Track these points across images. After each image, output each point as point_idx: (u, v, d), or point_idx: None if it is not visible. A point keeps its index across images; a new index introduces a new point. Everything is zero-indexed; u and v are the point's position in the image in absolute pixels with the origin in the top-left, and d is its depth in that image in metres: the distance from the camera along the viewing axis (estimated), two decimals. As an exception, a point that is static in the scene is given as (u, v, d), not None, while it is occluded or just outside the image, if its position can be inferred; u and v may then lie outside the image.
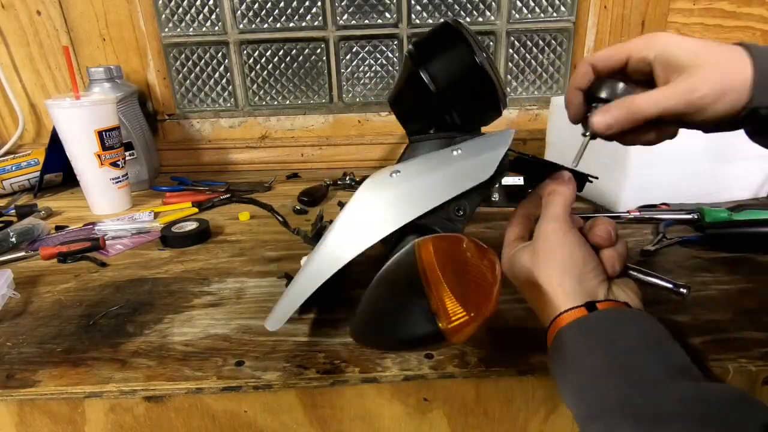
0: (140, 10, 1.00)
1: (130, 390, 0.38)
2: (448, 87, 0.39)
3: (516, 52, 1.06)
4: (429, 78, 0.39)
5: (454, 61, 0.39)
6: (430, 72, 0.39)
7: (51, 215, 0.81)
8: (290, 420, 0.40)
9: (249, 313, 0.47)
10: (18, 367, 0.40)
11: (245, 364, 0.39)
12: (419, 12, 1.03)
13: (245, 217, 0.76)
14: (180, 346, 0.42)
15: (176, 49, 1.06)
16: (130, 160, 0.90)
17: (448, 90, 0.39)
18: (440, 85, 0.39)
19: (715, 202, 0.68)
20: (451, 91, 0.40)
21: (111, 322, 0.47)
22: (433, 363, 0.39)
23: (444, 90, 0.39)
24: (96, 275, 0.57)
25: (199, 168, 1.09)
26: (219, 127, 1.11)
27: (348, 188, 0.91)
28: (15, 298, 0.51)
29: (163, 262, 0.60)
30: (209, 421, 0.40)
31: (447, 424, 0.41)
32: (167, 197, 0.85)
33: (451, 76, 0.39)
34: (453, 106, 0.40)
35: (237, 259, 0.60)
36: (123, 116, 0.87)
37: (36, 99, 1.07)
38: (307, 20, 1.04)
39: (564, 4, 1.02)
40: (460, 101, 0.40)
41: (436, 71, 0.39)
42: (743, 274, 0.52)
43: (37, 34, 1.00)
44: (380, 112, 1.09)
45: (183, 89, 1.10)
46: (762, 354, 0.39)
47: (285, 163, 1.09)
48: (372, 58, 1.07)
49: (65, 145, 0.77)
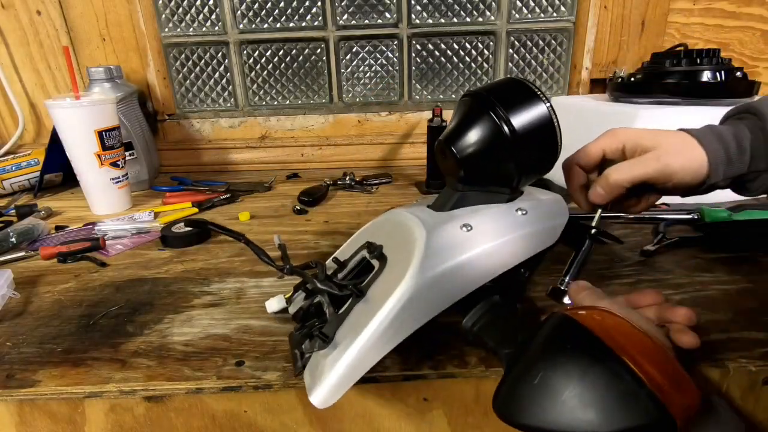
0: (140, 10, 1.00)
1: (130, 390, 0.38)
2: (522, 134, 0.38)
3: (516, 52, 1.06)
4: (504, 122, 0.38)
5: (528, 110, 0.38)
6: (505, 116, 0.38)
7: (51, 215, 0.81)
8: (290, 420, 0.40)
9: (249, 313, 0.47)
10: (18, 367, 0.40)
11: (245, 364, 0.39)
12: (419, 12, 1.03)
13: (245, 217, 0.76)
14: (180, 346, 0.42)
15: (176, 49, 1.06)
16: (130, 160, 0.90)
17: (522, 137, 0.38)
18: (515, 130, 0.38)
19: (715, 202, 0.68)
20: (524, 139, 0.38)
21: (111, 322, 0.47)
22: (433, 363, 0.39)
23: (518, 136, 0.38)
24: (96, 275, 0.57)
25: (199, 168, 1.09)
26: (219, 127, 1.11)
27: (348, 188, 0.91)
28: (15, 298, 0.51)
29: (163, 262, 0.60)
30: (209, 421, 0.40)
31: (447, 424, 0.41)
32: (167, 197, 0.85)
33: (527, 124, 0.38)
34: (521, 155, 0.39)
35: (237, 259, 0.60)
36: (123, 116, 0.88)
37: (36, 99, 1.07)
38: (307, 20, 1.04)
39: (564, 4, 1.02)
40: (528, 151, 0.39)
41: (512, 116, 0.38)
42: (743, 274, 0.52)
43: (37, 34, 1.00)
44: (380, 112, 1.09)
45: (183, 89, 1.10)
46: (762, 354, 0.39)
47: (285, 163, 1.09)
48: (372, 58, 1.08)
49: (65, 145, 0.77)
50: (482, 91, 0.40)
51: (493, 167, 0.40)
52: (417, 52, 1.07)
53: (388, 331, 0.33)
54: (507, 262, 0.37)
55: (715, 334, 0.41)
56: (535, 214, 0.39)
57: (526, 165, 0.39)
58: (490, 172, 0.40)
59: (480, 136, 0.39)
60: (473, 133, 0.39)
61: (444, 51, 1.07)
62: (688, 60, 0.72)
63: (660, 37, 1.00)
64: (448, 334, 0.42)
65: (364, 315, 0.34)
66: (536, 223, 0.39)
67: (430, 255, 0.35)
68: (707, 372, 0.38)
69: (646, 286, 0.50)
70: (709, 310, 0.45)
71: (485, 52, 1.07)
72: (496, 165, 0.39)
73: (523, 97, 0.39)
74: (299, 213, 0.78)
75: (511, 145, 0.38)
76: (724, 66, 0.71)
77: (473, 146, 0.39)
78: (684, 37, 1.00)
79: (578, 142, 0.49)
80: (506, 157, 0.39)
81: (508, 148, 0.38)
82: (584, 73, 1.04)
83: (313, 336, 0.35)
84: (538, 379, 0.28)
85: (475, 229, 0.37)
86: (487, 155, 0.39)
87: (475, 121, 0.39)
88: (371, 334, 0.32)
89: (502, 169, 0.39)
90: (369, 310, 0.34)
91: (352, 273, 0.42)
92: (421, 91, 1.10)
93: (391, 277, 0.36)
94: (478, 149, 0.39)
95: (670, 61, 0.73)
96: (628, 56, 1.02)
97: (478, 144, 0.39)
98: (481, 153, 0.39)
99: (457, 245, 0.36)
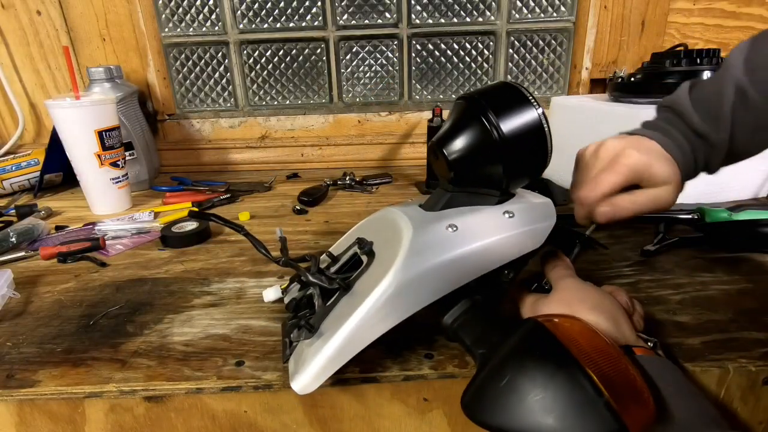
0: (140, 10, 1.00)
1: (130, 390, 0.38)
2: (511, 139, 0.38)
3: (516, 52, 1.06)
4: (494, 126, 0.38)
5: (519, 115, 0.39)
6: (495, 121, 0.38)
7: (51, 215, 0.81)
8: (290, 420, 0.40)
9: (249, 313, 0.47)
10: (18, 367, 0.40)
11: (245, 364, 0.39)
12: (419, 12, 1.03)
13: (245, 217, 0.76)
14: (180, 346, 0.42)
15: (176, 49, 1.06)
16: (130, 160, 0.90)
17: (510, 142, 0.38)
18: (503, 135, 0.38)
19: (715, 202, 0.68)
20: (512, 144, 0.38)
21: (111, 322, 0.47)
22: (433, 363, 0.39)
23: (506, 141, 0.38)
24: (96, 275, 0.57)
25: (199, 168, 1.09)
26: (219, 127, 1.11)
27: (348, 188, 0.91)
28: (15, 298, 0.51)
29: (163, 262, 0.60)
30: (209, 421, 0.40)
31: (447, 424, 0.41)
32: (167, 197, 0.85)
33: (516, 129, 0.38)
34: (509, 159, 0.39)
35: (237, 259, 0.60)
36: (123, 116, 0.88)
37: (36, 99, 1.07)
38: (307, 20, 1.04)
39: (564, 4, 1.02)
40: (517, 156, 0.39)
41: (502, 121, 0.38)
42: (743, 274, 0.52)
43: (37, 34, 1.00)
44: (380, 112, 1.09)
45: (183, 89, 1.10)
46: (762, 354, 0.39)
47: (285, 163, 1.09)
48: (372, 58, 1.08)
49: (65, 145, 0.77)
50: (475, 94, 0.40)
51: (482, 170, 0.40)
52: (417, 52, 1.07)
53: (369, 324, 0.34)
54: (490, 263, 0.38)
55: (715, 334, 0.42)
56: (521, 217, 0.40)
57: (514, 169, 0.40)
58: (479, 174, 0.40)
59: (470, 139, 0.40)
60: (464, 136, 0.40)
61: (444, 51, 1.07)
62: (688, 60, 0.72)
63: (660, 37, 1.00)
64: (448, 334, 0.42)
65: (348, 308, 0.35)
66: (522, 225, 0.39)
67: (415, 253, 0.36)
68: (707, 372, 0.38)
69: (646, 286, 0.50)
70: (709, 310, 0.45)
71: (485, 52, 1.07)
72: (485, 168, 0.40)
73: (514, 102, 0.39)
74: (299, 213, 0.78)
75: (500, 149, 0.38)
76: (724, 66, 0.71)
77: (463, 149, 0.40)
78: (684, 37, 1.00)
79: (578, 142, 0.49)
80: (495, 160, 0.39)
81: (497, 152, 0.39)
82: (584, 73, 1.04)
83: (301, 326, 0.36)
84: (506, 381, 0.29)
85: (460, 229, 0.38)
86: (476, 158, 0.40)
87: (466, 124, 0.40)
88: (352, 326, 0.34)
89: (491, 172, 0.40)
90: (353, 303, 0.35)
91: (344, 267, 0.43)
92: (421, 91, 1.10)
93: (376, 273, 0.37)
94: (468, 152, 0.40)
95: (670, 61, 0.73)
96: (628, 56, 1.02)
97: (467, 147, 0.40)
98: (470, 156, 0.40)
99: (441, 244, 0.37)
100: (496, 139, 0.38)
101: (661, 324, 0.43)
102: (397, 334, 0.35)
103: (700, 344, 0.40)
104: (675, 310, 0.46)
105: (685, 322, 0.44)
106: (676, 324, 0.43)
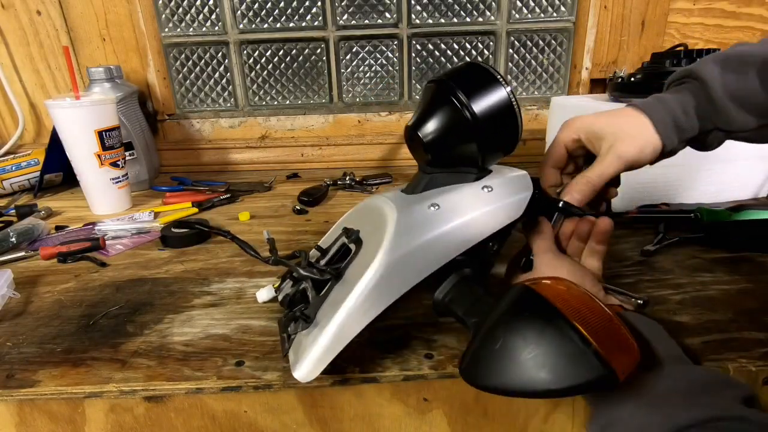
0: (140, 10, 1.00)
1: (130, 390, 0.38)
2: (482, 117, 0.40)
3: (516, 52, 1.06)
4: (465, 106, 0.39)
5: (489, 94, 0.40)
6: (466, 101, 0.39)
7: (51, 215, 0.81)
8: (290, 420, 0.40)
9: (249, 313, 0.47)
10: (18, 367, 0.40)
11: (245, 364, 0.39)
12: (419, 12, 1.03)
13: (245, 217, 0.76)
14: (180, 346, 0.42)
15: (176, 49, 1.06)
16: (130, 160, 0.90)
17: (482, 120, 0.40)
18: (475, 114, 0.39)
19: (715, 202, 0.68)
20: (484, 122, 0.40)
21: (111, 322, 0.47)
22: (433, 363, 0.39)
23: (478, 120, 0.39)
24: (96, 275, 0.57)
25: (199, 168, 1.09)
26: (219, 127, 1.11)
27: (348, 188, 0.91)
28: (15, 298, 0.51)
29: (163, 262, 0.60)
30: (209, 421, 0.40)
31: (447, 424, 0.41)
32: (167, 197, 0.85)
33: (486, 108, 0.40)
34: (483, 137, 0.40)
35: (237, 259, 0.60)
36: (123, 116, 0.88)
37: (36, 99, 1.07)
38: (307, 20, 1.04)
39: (564, 4, 1.02)
40: (490, 133, 0.40)
41: (472, 100, 0.40)
42: (743, 274, 0.52)
43: (37, 34, 1.00)
44: (380, 112, 1.09)
45: (183, 89, 1.10)
46: (762, 354, 0.39)
47: (285, 163, 1.09)
48: (372, 58, 1.08)
49: (65, 145, 0.77)
50: (443, 76, 0.42)
51: (457, 149, 0.42)
52: (417, 52, 1.07)
53: (363, 306, 0.35)
54: (474, 237, 0.39)
55: (715, 334, 0.42)
56: (500, 191, 0.41)
57: (489, 146, 0.41)
58: (455, 154, 0.42)
59: (443, 120, 0.41)
60: (437, 119, 0.41)
61: (444, 51, 1.07)
62: (688, 60, 0.71)
63: (660, 37, 1.00)
64: (449, 334, 0.42)
65: (341, 294, 0.36)
66: (501, 198, 0.40)
67: (401, 234, 0.37)
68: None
69: (646, 286, 0.50)
70: (709, 310, 0.45)
71: (485, 52, 1.07)
72: (460, 147, 0.41)
73: (483, 82, 0.40)
74: (299, 213, 0.78)
75: (473, 128, 0.40)
76: (724, 66, 0.71)
77: (437, 131, 0.41)
78: (684, 37, 1.00)
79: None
80: (469, 139, 0.41)
81: (470, 131, 0.40)
82: (584, 73, 1.04)
83: (297, 318, 0.37)
84: (499, 344, 0.30)
85: (442, 207, 0.39)
86: (450, 139, 0.41)
87: (438, 106, 0.41)
88: (347, 310, 0.35)
89: (466, 150, 0.41)
90: (345, 290, 0.36)
91: (333, 258, 0.44)
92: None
93: (365, 258, 0.38)
94: (442, 133, 0.41)
95: (670, 61, 0.73)
96: (628, 56, 1.02)
97: (441, 128, 0.41)
98: (444, 137, 0.41)
99: (426, 223, 0.38)
100: (468, 118, 0.39)
101: (661, 324, 0.43)
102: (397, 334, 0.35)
103: (701, 344, 0.40)
104: (675, 310, 0.46)
105: (685, 322, 0.44)
106: (676, 324, 0.43)
